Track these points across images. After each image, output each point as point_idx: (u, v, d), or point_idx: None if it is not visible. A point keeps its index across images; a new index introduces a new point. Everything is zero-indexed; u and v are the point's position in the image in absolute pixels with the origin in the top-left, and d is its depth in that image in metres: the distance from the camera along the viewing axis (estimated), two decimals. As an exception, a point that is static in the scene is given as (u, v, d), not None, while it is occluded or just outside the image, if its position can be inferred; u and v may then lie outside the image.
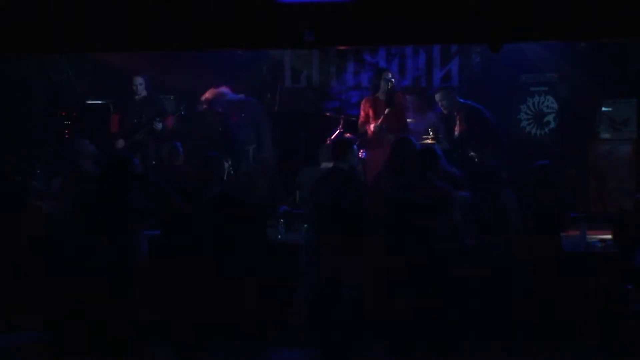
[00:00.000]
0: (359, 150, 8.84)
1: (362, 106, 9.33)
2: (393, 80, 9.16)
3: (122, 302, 6.37)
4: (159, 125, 9.23)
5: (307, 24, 7.30)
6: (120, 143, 9.26)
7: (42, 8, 7.64)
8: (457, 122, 8.93)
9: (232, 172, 9.03)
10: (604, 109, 9.58)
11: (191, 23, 7.53)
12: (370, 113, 9.12)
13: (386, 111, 8.94)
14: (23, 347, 7.12)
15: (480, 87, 10.36)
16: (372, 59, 10.77)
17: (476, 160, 8.54)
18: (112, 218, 6.36)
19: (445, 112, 9.00)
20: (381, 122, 8.91)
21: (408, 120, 9.33)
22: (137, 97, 9.40)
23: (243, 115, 9.42)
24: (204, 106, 9.49)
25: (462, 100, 9.06)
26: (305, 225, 7.18)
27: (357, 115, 10.04)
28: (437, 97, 9.11)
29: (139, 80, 9.42)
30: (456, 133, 8.92)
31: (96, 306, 6.27)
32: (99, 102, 10.01)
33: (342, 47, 10.10)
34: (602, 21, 7.06)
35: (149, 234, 8.27)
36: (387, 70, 9.43)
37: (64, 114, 9.76)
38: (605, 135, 9.57)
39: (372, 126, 8.98)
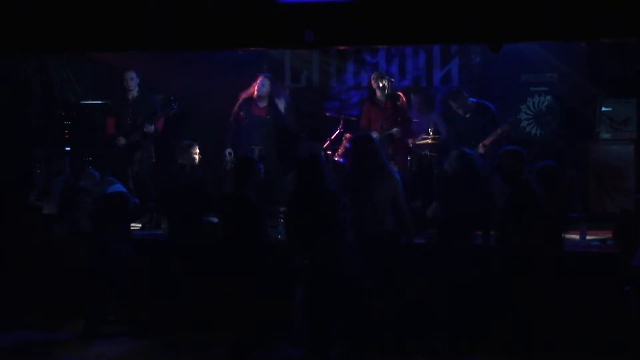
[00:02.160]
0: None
1: (363, 111, 9.45)
2: (391, 81, 9.22)
3: None
4: (151, 128, 9.23)
5: (307, 24, 7.30)
6: (121, 141, 9.25)
7: (42, 8, 7.64)
8: (476, 124, 8.87)
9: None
10: (604, 109, 9.57)
11: (191, 23, 7.53)
12: (372, 116, 9.18)
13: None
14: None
15: (480, 87, 10.36)
16: (372, 59, 10.77)
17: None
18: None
19: (460, 113, 8.92)
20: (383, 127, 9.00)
21: (414, 120, 9.47)
22: (129, 95, 9.37)
23: (268, 117, 9.23)
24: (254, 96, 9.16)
25: (472, 100, 9.00)
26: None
27: (358, 116, 10.07)
28: (450, 101, 9.03)
29: (130, 75, 9.35)
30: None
31: None
32: (99, 102, 10.00)
33: (342, 47, 10.10)
34: (602, 21, 7.06)
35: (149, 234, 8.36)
36: (382, 74, 9.49)
37: (63, 113, 9.74)
38: (605, 135, 9.55)
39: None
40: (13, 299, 7.97)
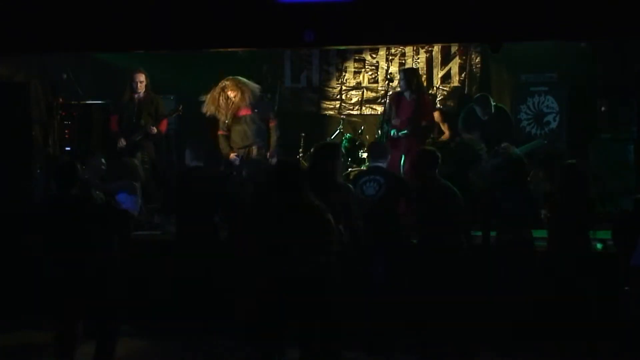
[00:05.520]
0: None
1: (388, 102, 9.43)
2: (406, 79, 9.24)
3: None
4: (154, 130, 9.23)
5: (307, 24, 7.30)
6: (122, 142, 9.25)
7: (42, 8, 7.64)
8: (492, 128, 8.93)
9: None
10: (604, 109, 9.57)
11: (191, 23, 7.53)
12: (394, 109, 9.22)
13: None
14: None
15: (480, 87, 10.36)
16: (372, 59, 10.78)
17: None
18: None
19: (480, 115, 9.03)
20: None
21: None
22: (135, 95, 9.37)
23: (256, 110, 8.97)
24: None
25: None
26: None
27: (358, 116, 10.09)
28: (475, 106, 9.11)
29: (140, 78, 9.35)
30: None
31: None
32: (99, 102, 9.99)
33: (342, 47, 10.10)
34: (602, 21, 7.07)
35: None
36: (408, 70, 9.59)
37: (63, 114, 9.73)
38: (605, 135, 9.56)
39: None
40: (13, 298, 7.96)
